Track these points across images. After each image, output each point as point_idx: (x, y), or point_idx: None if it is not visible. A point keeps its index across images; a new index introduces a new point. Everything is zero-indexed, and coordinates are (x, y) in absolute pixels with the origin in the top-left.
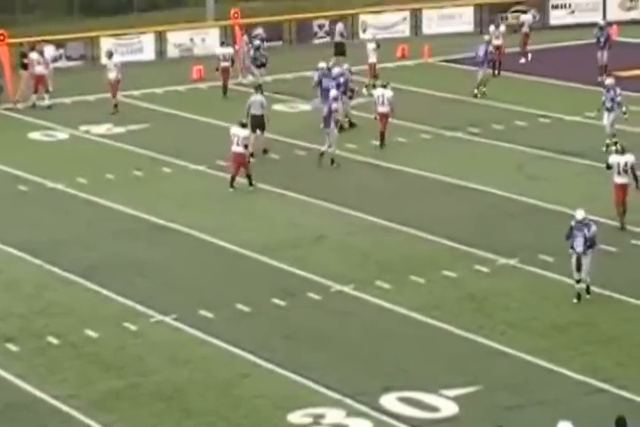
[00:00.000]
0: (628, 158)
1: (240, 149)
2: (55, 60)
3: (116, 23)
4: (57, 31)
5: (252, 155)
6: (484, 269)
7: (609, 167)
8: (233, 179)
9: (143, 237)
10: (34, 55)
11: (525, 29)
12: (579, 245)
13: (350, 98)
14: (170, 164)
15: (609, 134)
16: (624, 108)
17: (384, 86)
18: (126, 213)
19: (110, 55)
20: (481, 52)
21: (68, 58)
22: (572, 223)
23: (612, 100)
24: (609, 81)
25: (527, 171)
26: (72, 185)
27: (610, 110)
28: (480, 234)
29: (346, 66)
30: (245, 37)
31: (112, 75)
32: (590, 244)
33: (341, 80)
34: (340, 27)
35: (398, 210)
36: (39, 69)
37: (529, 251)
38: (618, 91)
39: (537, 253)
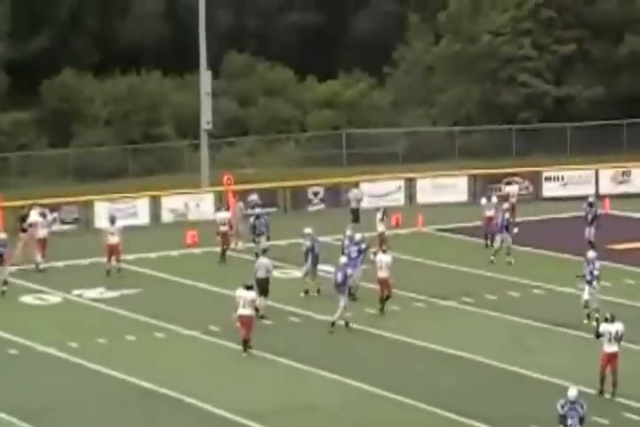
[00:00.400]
0: (618, 327)
1: (248, 312)
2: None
3: (111, 187)
4: (51, 195)
5: (261, 317)
6: None
7: (598, 336)
8: (245, 342)
9: (134, 402)
10: (38, 218)
11: (512, 200)
12: (575, 424)
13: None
14: (163, 329)
15: (594, 308)
16: (596, 283)
17: (384, 251)
18: (117, 379)
19: (113, 220)
20: (499, 220)
21: (62, 221)
22: (564, 404)
23: (592, 273)
24: (590, 254)
25: (520, 341)
26: (63, 349)
27: (590, 283)
28: (473, 404)
29: (349, 232)
30: (240, 204)
31: (114, 239)
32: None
33: (363, 246)
34: (355, 192)
35: (391, 378)
36: (43, 233)
37: (522, 421)
38: (597, 264)
39: (530, 423)
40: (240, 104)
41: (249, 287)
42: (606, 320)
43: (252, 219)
